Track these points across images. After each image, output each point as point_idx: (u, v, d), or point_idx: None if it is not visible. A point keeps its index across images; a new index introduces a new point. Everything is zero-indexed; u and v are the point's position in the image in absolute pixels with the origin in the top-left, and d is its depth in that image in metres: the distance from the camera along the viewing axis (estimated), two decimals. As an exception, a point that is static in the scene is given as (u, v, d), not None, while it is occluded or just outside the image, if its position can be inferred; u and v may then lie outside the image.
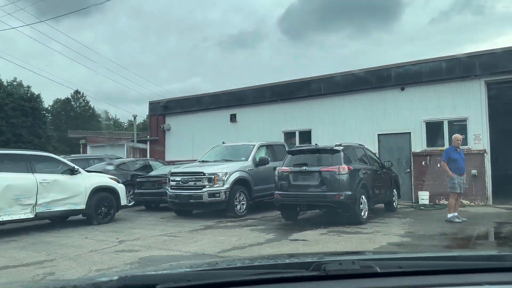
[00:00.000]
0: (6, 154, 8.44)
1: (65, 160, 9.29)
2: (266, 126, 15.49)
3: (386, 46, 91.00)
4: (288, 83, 15.69)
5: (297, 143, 14.35)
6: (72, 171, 8.96)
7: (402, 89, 13.10)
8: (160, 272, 1.50)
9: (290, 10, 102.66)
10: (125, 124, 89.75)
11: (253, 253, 6.05)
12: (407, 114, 12.93)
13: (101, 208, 9.36)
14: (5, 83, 53.00)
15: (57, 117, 65.01)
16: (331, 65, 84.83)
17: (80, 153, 21.44)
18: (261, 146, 11.37)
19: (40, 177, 8.31)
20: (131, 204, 12.24)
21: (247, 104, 16.30)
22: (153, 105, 19.26)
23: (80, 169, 9.27)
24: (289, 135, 15.14)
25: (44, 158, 8.95)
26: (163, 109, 18.70)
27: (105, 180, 9.74)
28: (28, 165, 8.31)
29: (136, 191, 12.50)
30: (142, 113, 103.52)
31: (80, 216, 9.43)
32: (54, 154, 10.47)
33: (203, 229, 8.28)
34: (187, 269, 1.46)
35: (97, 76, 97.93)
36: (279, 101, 15.50)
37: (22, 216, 8.08)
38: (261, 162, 10.74)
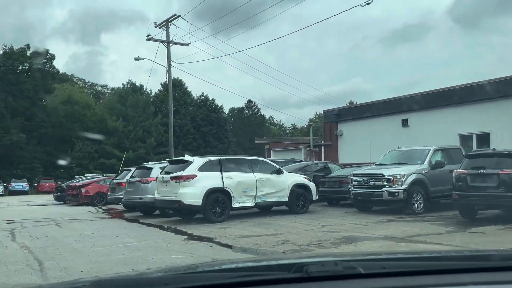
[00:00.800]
0: (235, 159, 11.55)
1: (273, 163, 12.03)
2: (439, 130, 15.98)
3: None
4: (462, 87, 15.87)
5: (474, 147, 14.52)
6: (278, 172, 11.62)
7: None
8: (135, 276, 1.45)
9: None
10: (289, 128, 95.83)
11: (435, 240, 7.36)
12: None
13: (299, 201, 11.80)
14: (195, 97, 63.18)
15: (233, 124, 73.46)
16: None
17: (265, 157, 25.14)
18: (437, 150, 12.24)
19: (258, 176, 11.12)
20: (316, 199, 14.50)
21: (419, 109, 17.01)
22: (326, 113, 21.47)
23: (284, 170, 11.88)
24: (465, 139, 15.33)
25: (259, 161, 11.85)
26: (335, 117, 20.72)
27: (301, 179, 12.19)
28: (249, 166, 11.22)
29: (320, 189, 14.71)
30: (304, 116, 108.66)
31: (279, 207, 12.03)
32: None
33: (386, 222, 9.83)
34: (166, 273, 1.42)
35: (263, 84, 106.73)
36: (453, 104, 15.80)
37: (247, 204, 11.01)
38: (437, 165, 11.63)
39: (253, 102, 77.59)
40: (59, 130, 49.87)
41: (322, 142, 22.01)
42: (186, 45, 27.66)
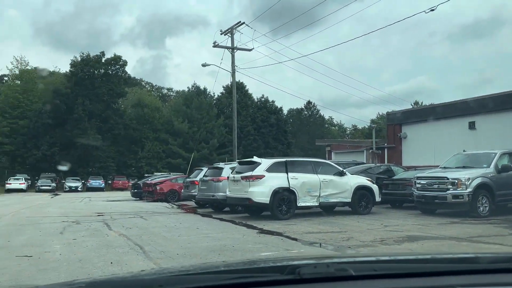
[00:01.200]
0: (299, 160, 12.28)
1: (336, 165, 12.61)
2: (509, 133, 15.57)
3: None
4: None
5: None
6: (341, 173, 12.18)
7: None
8: (130, 277, 1.46)
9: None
10: (349, 129, 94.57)
11: (497, 241, 7.58)
12: None
13: (361, 202, 12.27)
14: (255, 99, 64.67)
15: (292, 125, 73.99)
16: None
17: (326, 159, 25.60)
18: (504, 154, 12.12)
19: (321, 177, 11.76)
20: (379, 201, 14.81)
21: (487, 112, 16.65)
22: (390, 116, 21.51)
23: (346, 172, 12.41)
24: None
25: (322, 163, 12.50)
26: (399, 119, 20.71)
27: (364, 180, 12.64)
28: (313, 168, 11.90)
29: (383, 191, 14.99)
30: (365, 116, 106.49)
31: (341, 208, 12.57)
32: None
33: (449, 224, 10.05)
34: (159, 275, 1.44)
35: (322, 85, 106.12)
36: (524, 107, 15.35)
37: (311, 204, 11.69)
38: (504, 169, 11.56)
39: (312, 103, 77.78)
40: (130, 131, 53.54)
41: (385, 144, 22.05)
42: (250, 50, 28.82)
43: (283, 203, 11.09)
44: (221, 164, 14.51)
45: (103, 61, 52.16)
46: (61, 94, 49.01)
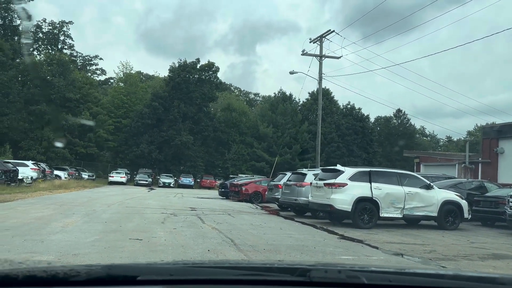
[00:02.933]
0: (384, 171, 12.37)
1: (423, 178, 12.45)
2: None
3: None
4: None
5: None
6: (428, 187, 12.00)
7: None
8: (144, 265, 1.49)
9: None
10: (443, 141, 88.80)
11: None
12: None
13: (448, 217, 11.97)
14: (341, 106, 64.04)
15: (379, 134, 71.70)
16: None
17: (413, 171, 24.77)
18: None
19: (406, 189, 11.73)
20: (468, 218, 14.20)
21: None
22: (486, 129, 20.28)
23: (434, 185, 12.20)
24: None
25: (407, 175, 12.43)
26: (496, 133, 19.44)
27: (452, 195, 12.31)
28: (398, 179, 11.91)
29: (473, 208, 14.33)
30: (461, 128, 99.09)
31: (426, 222, 12.34)
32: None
33: (546, 247, 9.46)
34: (172, 265, 1.46)
35: (414, 93, 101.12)
36: None
37: (395, 216, 11.71)
38: None
39: (403, 111, 74.52)
40: (218, 133, 56.41)
41: (480, 159, 20.79)
42: (338, 58, 29.01)
43: (365, 212, 11.29)
44: (304, 170, 15.09)
45: (198, 67, 55.75)
46: (160, 97, 53.38)
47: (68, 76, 47.63)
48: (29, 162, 26.74)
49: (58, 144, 38.39)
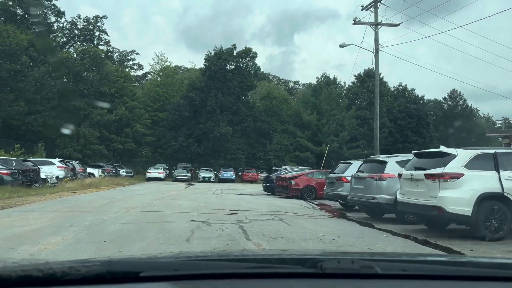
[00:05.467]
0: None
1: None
2: None
3: None
4: None
5: None
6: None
7: None
8: (146, 259, 1.37)
9: None
10: (499, 122, 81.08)
11: None
12: None
13: None
14: (391, 88, 58.69)
15: (435, 116, 65.44)
16: None
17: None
18: None
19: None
20: None
21: None
22: None
23: None
24: None
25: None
26: None
27: None
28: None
29: None
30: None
31: None
32: None
33: None
34: (175, 259, 1.36)
35: (471, 71, 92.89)
36: None
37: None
38: None
39: (458, 92, 68.04)
40: (259, 123, 53.00)
41: None
42: (396, 25, 24.70)
43: (492, 216, 7.39)
44: (382, 157, 11.13)
45: (234, 54, 52.44)
46: (196, 88, 50.61)
47: (101, 69, 45.77)
48: (55, 160, 24.45)
49: (65, 131, 36.06)
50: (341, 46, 25.31)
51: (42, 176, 21.27)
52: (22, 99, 37.51)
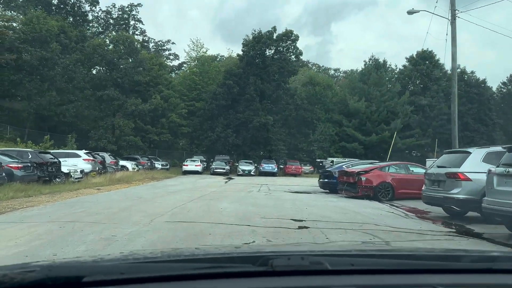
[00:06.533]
0: None
1: None
2: None
3: None
4: None
5: None
6: None
7: None
8: (91, 263, 1.30)
9: None
10: None
11: None
12: None
13: None
14: (448, 71, 52.97)
15: (504, 102, 58.77)
16: None
17: None
18: None
19: None
20: None
21: None
22: None
23: None
24: None
25: None
26: None
27: None
28: None
29: None
30: None
31: None
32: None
33: None
34: (121, 261, 1.28)
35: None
36: None
37: None
38: None
39: (524, 74, 61.00)
40: (301, 112, 49.14)
41: None
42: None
43: None
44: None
45: (274, 37, 48.65)
46: (234, 75, 47.31)
47: (135, 57, 43.35)
48: (81, 152, 21.83)
49: None
50: (409, 12, 21.07)
51: (65, 170, 18.63)
52: (53, 88, 35.59)
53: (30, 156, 16.38)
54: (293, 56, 49.57)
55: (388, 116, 47.65)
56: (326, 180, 16.82)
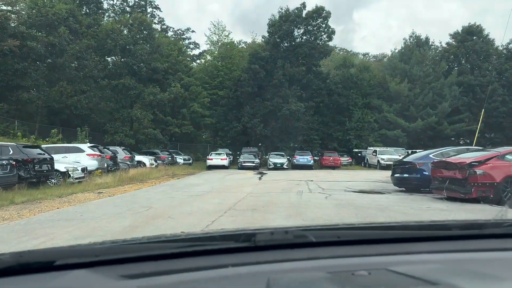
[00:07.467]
0: None
1: None
2: None
3: None
4: None
5: None
6: None
7: None
8: (66, 248, 1.25)
9: None
10: None
11: None
12: None
13: None
14: (500, 47, 47.06)
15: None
16: None
17: None
18: None
19: None
20: None
21: None
22: None
23: None
24: None
25: None
26: None
27: None
28: None
29: None
30: None
31: None
32: None
33: None
34: (98, 245, 1.23)
35: None
36: None
37: None
38: None
39: None
40: (335, 97, 44.39)
41: None
42: None
43: None
44: None
45: (303, 15, 43.88)
46: (260, 58, 42.85)
47: (152, 42, 39.49)
48: (85, 146, 17.96)
49: None
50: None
51: (62, 168, 14.78)
52: (63, 77, 32.11)
53: (11, 152, 12.53)
54: (324, 36, 44.65)
55: (434, 99, 42.32)
56: (405, 175, 12.22)
